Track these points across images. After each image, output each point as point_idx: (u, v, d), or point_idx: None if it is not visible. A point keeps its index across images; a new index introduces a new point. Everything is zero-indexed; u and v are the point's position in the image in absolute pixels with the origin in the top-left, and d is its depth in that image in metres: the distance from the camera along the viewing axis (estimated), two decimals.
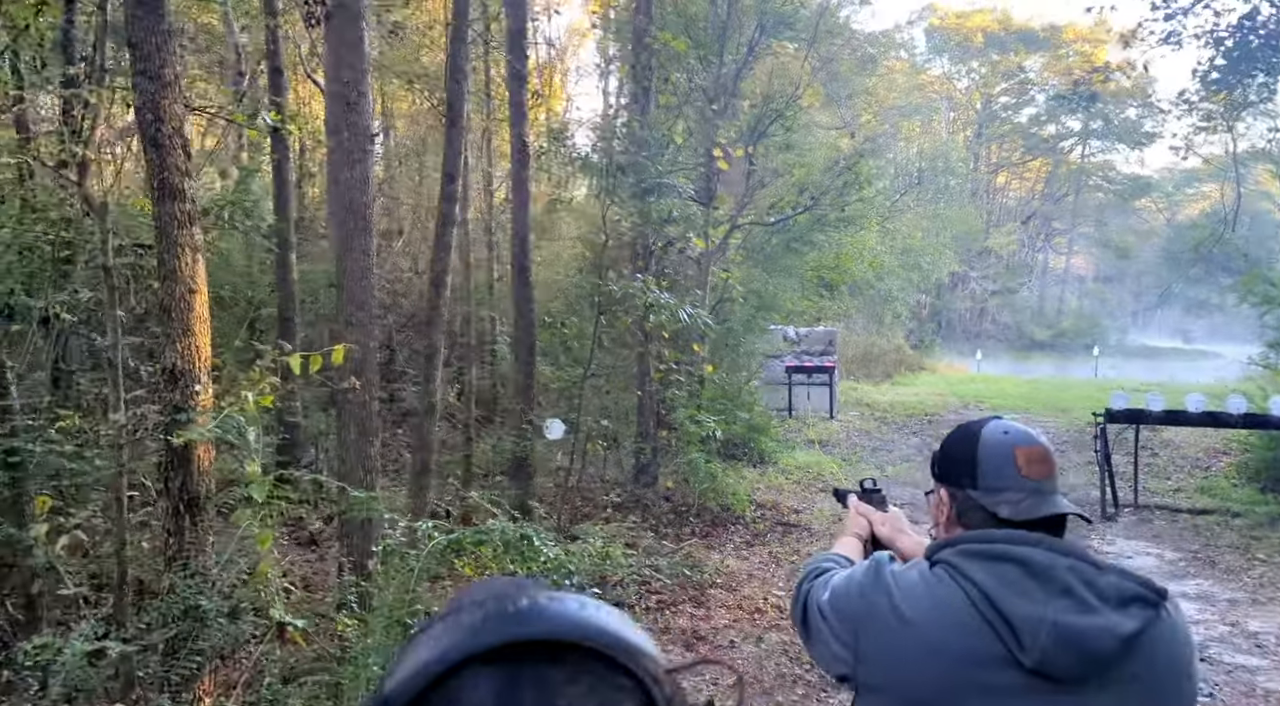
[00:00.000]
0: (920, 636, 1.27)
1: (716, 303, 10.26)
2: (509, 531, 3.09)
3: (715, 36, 9.78)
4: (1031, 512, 1.31)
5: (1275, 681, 5.12)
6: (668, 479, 8.99)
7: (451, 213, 4.43)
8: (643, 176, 7.05)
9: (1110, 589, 1.23)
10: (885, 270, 21.02)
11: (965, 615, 1.24)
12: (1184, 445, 13.16)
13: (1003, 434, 1.37)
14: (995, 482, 1.34)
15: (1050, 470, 1.36)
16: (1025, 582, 1.23)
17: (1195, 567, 7.71)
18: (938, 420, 16.06)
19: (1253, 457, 11.28)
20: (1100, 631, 1.19)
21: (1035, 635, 1.19)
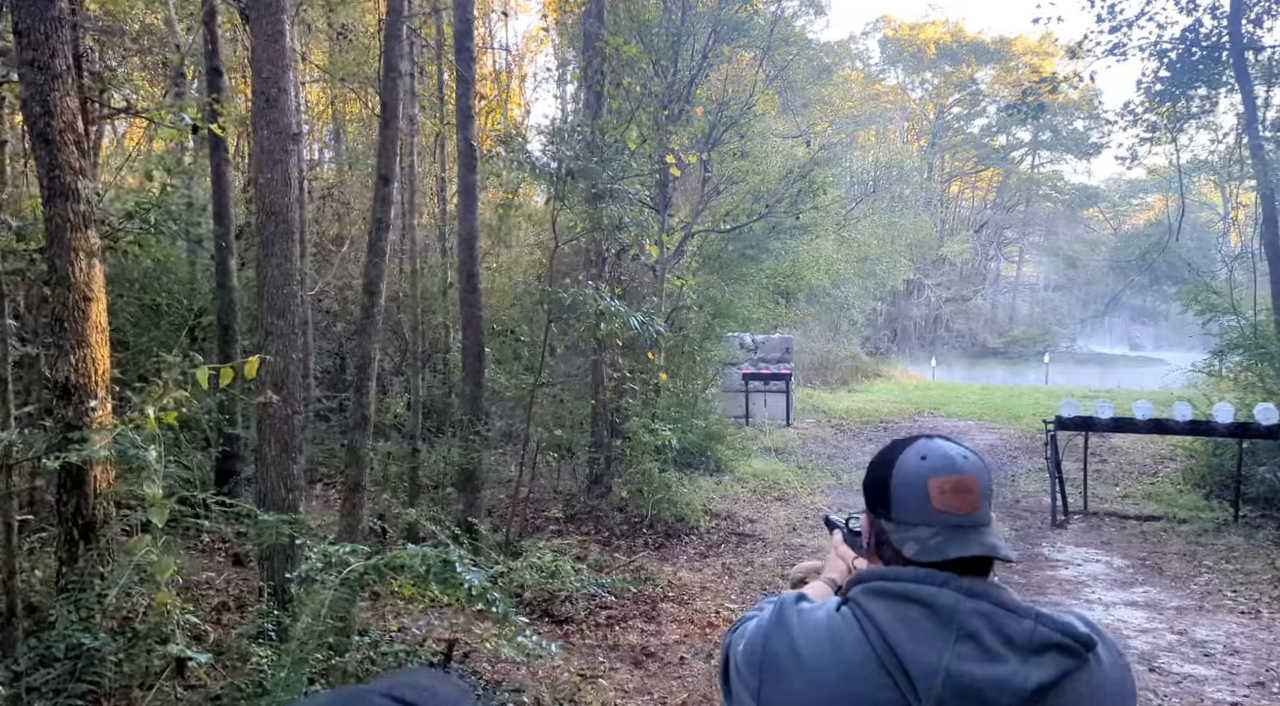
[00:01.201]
0: (816, 681, 1.16)
1: (673, 310, 10.18)
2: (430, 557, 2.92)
3: (669, 43, 9.72)
4: (939, 553, 1.17)
5: (1223, 691, 5.13)
6: (622, 489, 8.86)
7: (386, 216, 4.26)
8: (594, 182, 6.94)
9: (1023, 635, 1.12)
10: (841, 278, 21.17)
11: (863, 660, 1.14)
12: (1132, 451, 13.35)
13: (919, 460, 1.23)
14: (906, 516, 1.22)
15: (971, 503, 1.19)
16: (927, 626, 1.13)
17: (1143, 574, 7.77)
18: (893, 427, 16.14)
19: (1198, 464, 11.46)
20: (1000, 683, 1.09)
21: (931, 685, 1.10)
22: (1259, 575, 7.53)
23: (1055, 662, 1.11)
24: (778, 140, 18.61)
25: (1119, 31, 12.80)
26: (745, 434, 13.84)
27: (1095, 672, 1.13)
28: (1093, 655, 1.14)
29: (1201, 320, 13.43)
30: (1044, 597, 7.10)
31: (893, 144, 39.75)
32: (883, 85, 45.36)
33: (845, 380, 22.08)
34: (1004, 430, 15.66)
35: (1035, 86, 13.54)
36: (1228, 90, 13.58)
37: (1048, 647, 1.12)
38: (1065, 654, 1.12)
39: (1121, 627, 6.33)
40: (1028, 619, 1.13)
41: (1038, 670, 1.10)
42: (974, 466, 1.23)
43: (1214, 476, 10.91)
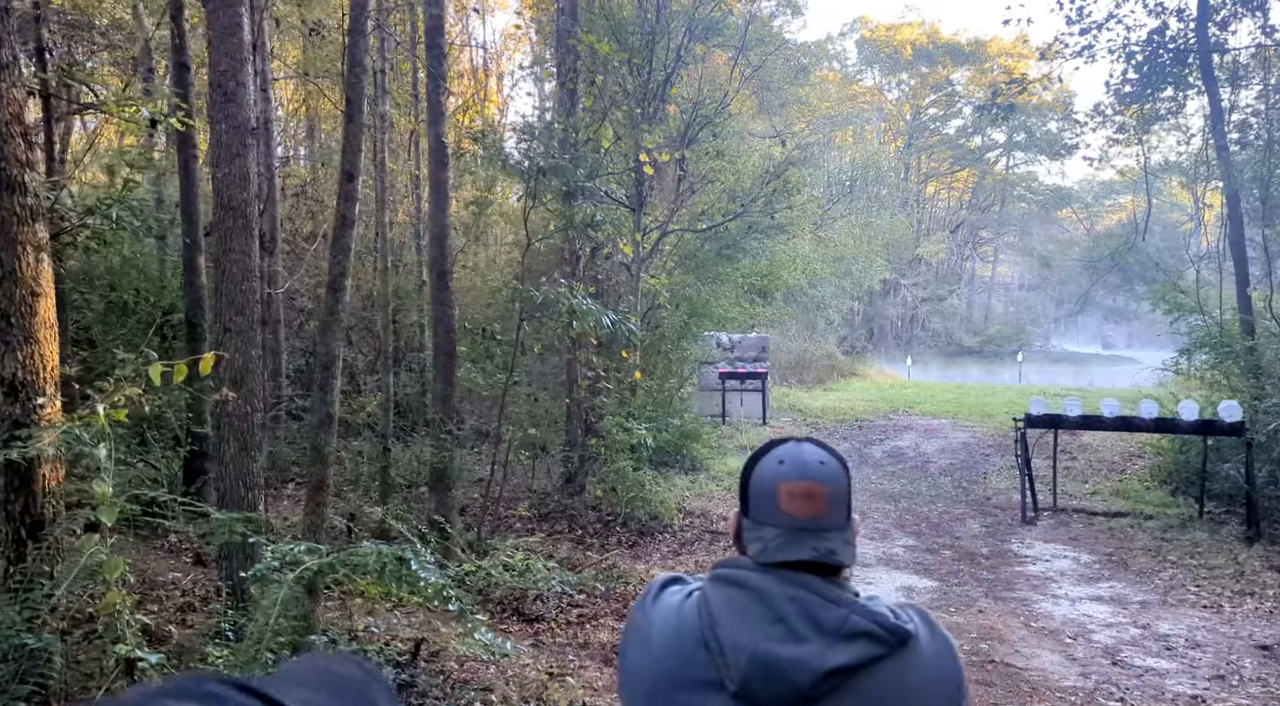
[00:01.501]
0: (654, 657, 1.26)
1: (648, 309, 10.18)
2: (385, 554, 2.90)
3: (644, 42, 9.72)
4: (772, 555, 1.24)
5: (1184, 684, 5.21)
6: (596, 488, 8.86)
7: (350, 212, 4.23)
8: (567, 179, 6.93)
9: (833, 622, 1.18)
10: (818, 277, 21.25)
11: (694, 640, 1.23)
12: (1102, 449, 13.51)
13: (777, 464, 1.29)
14: (758, 515, 1.29)
15: (816, 509, 1.25)
16: (749, 609, 1.21)
17: (1109, 570, 7.87)
18: (868, 425, 16.25)
19: (1165, 461, 11.61)
20: (799, 662, 1.16)
21: (738, 661, 1.17)
22: (1221, 570, 7.65)
23: (862, 648, 1.17)
24: (755, 140, 18.67)
25: (1088, 34, 12.94)
26: (721, 432, 13.88)
27: (909, 662, 1.19)
28: (910, 646, 1.19)
29: (1170, 319, 13.62)
30: (1012, 593, 7.18)
31: (870, 144, 39.96)
32: (860, 86, 45.61)
33: (821, 379, 22.18)
34: (977, 428, 15.80)
35: (1005, 87, 13.66)
36: (1195, 92, 13.77)
37: (858, 635, 1.17)
38: (875, 642, 1.17)
39: (1086, 622, 6.41)
40: (842, 608, 1.20)
41: (840, 653, 1.16)
42: (827, 473, 1.28)
43: (1180, 473, 11.06)
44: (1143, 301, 26.70)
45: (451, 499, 6.84)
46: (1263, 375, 10.99)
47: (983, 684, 5.18)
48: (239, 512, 3.45)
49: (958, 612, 6.61)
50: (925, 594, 7.13)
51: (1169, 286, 13.89)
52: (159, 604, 4.98)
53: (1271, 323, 11.06)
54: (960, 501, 10.77)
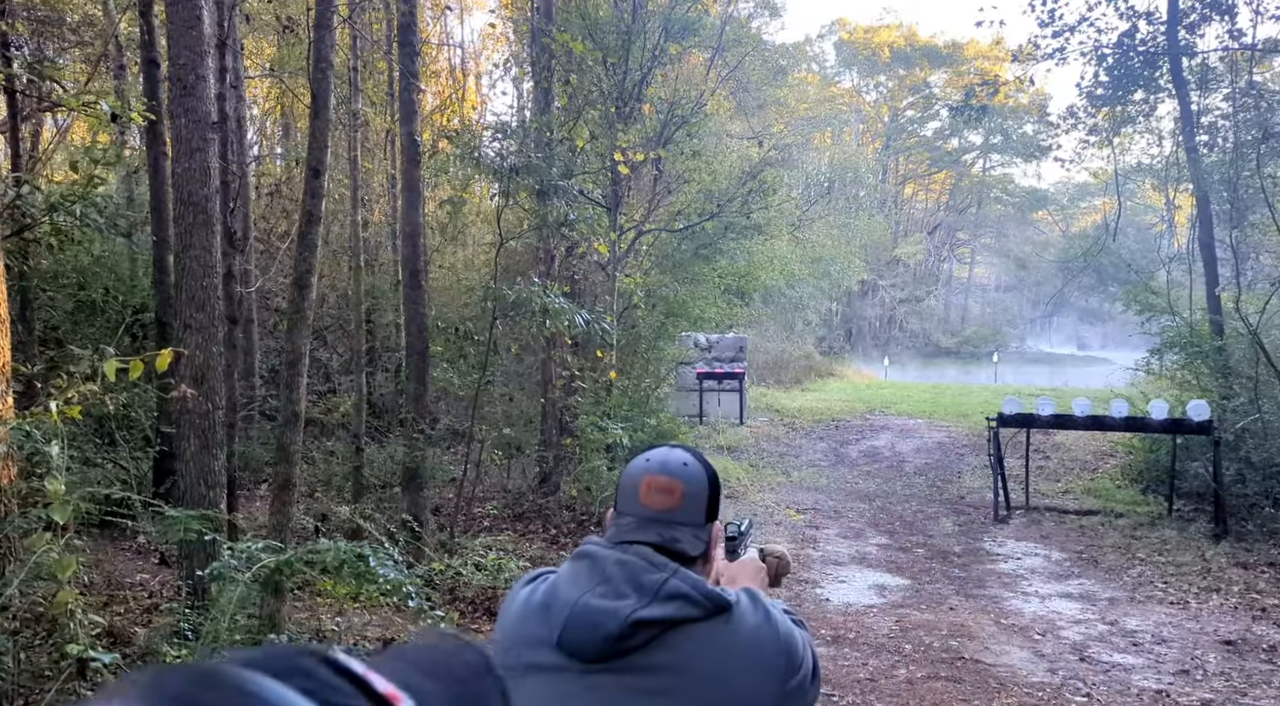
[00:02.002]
0: (508, 625, 1.37)
1: (625, 309, 10.18)
2: (343, 551, 2.89)
3: (620, 41, 9.72)
4: (624, 536, 1.36)
5: (1149, 679, 5.28)
6: (570, 487, 8.85)
7: (317, 209, 4.20)
8: (541, 178, 6.92)
9: (653, 584, 1.27)
10: (796, 278, 21.33)
11: (540, 606, 1.33)
12: (1075, 448, 13.64)
13: (645, 461, 1.43)
14: (623, 507, 1.41)
15: (672, 502, 1.37)
16: (583, 574, 1.32)
17: (1079, 567, 7.96)
18: (845, 425, 16.33)
19: (1134, 460, 11.76)
20: (611, 612, 1.25)
21: (561, 613, 1.28)
22: (1189, 567, 7.75)
23: (675, 607, 1.26)
24: (732, 141, 18.71)
25: (1060, 36, 13.08)
26: (699, 432, 13.90)
27: (722, 630, 1.27)
28: (729, 616, 1.28)
29: (1141, 320, 13.79)
30: (983, 591, 7.24)
31: (848, 146, 40.18)
32: (838, 87, 45.83)
33: (799, 379, 22.26)
34: (952, 428, 15.91)
35: (978, 89, 13.79)
36: (1165, 95, 13.95)
37: (674, 596, 1.26)
38: (689, 603, 1.26)
39: (1055, 619, 6.48)
40: (665, 573, 1.29)
41: (653, 609, 1.25)
42: (689, 473, 1.40)
43: (1150, 472, 11.20)
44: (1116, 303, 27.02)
45: (424, 498, 6.81)
46: (1231, 375, 11.15)
47: (952, 680, 5.22)
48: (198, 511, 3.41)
49: (929, 610, 6.66)
50: (897, 592, 7.18)
51: (1140, 287, 14.08)
52: (125, 605, 4.92)
53: (1240, 323, 11.21)
54: (934, 500, 10.86)
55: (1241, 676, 5.27)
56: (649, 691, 1.25)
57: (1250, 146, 10.57)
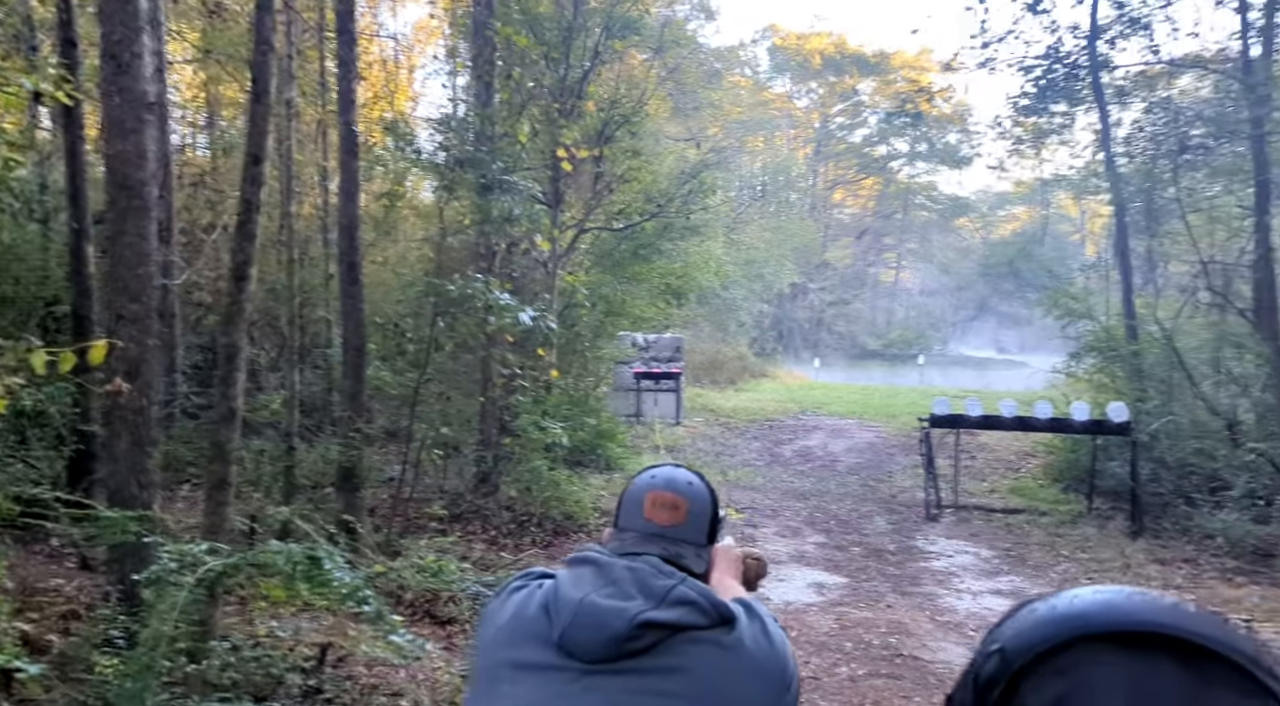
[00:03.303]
0: (498, 628, 1.34)
1: (565, 307, 10.09)
2: (295, 554, 2.77)
3: (561, 37, 9.65)
4: (629, 549, 1.37)
5: None
6: (510, 487, 8.73)
7: (256, 198, 4.02)
8: (484, 172, 6.80)
9: (661, 588, 1.26)
10: (730, 280, 21.53)
11: (535, 606, 1.31)
12: (999, 448, 14.05)
13: (650, 477, 1.45)
14: (625, 522, 1.42)
15: (675, 519, 1.39)
16: (589, 577, 1.31)
17: (1008, 565, 8.18)
18: (778, 425, 16.52)
19: (1056, 460, 12.17)
20: (618, 611, 1.23)
21: (566, 612, 1.25)
22: (1110, 563, 8.04)
23: (682, 613, 1.25)
24: (670, 142, 18.77)
25: (989, 47, 13.45)
26: (636, 432, 13.89)
27: (726, 642, 1.26)
28: (731, 627, 1.27)
29: (1061, 324, 14.28)
30: (918, 588, 7.38)
31: (780, 150, 40.73)
32: (770, 92, 46.41)
33: (733, 379, 22.45)
34: (881, 428, 16.24)
35: (915, 95, 14.09)
36: (1086, 108, 14.47)
37: (681, 602, 1.25)
38: (696, 611, 1.25)
39: (988, 615, 6.63)
40: (673, 580, 1.28)
41: (660, 612, 1.23)
42: (694, 492, 1.43)
43: (1071, 471, 11.60)
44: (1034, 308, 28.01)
45: (360, 499, 6.63)
46: (1145, 378, 11.61)
47: (892, 677, 5.30)
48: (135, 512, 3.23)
49: (867, 608, 6.76)
50: (836, 590, 7.27)
51: (1061, 293, 14.58)
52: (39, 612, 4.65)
53: (1155, 328, 11.69)
54: (867, 499, 11.04)
55: None
56: (651, 693, 1.23)
57: (1167, 158, 11.02)
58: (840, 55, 46.60)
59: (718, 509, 1.47)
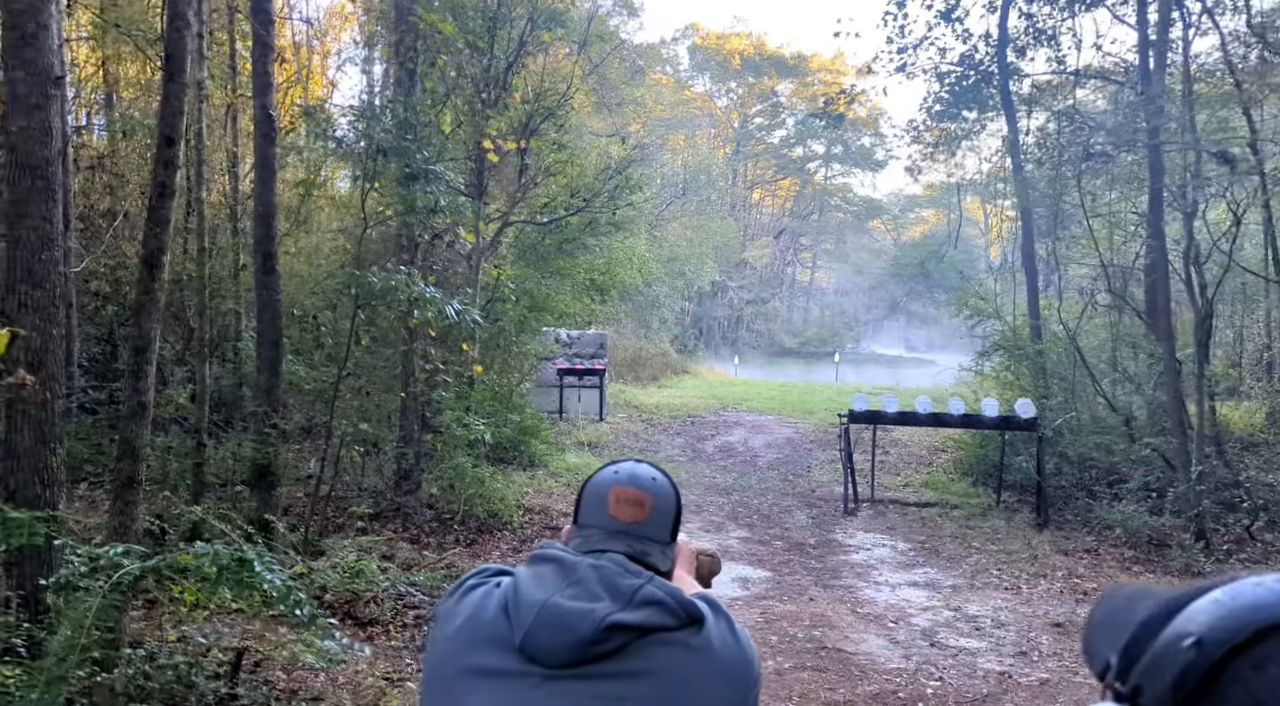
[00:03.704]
0: (455, 629, 1.28)
1: (488, 302, 9.94)
2: (222, 556, 2.62)
3: (486, 27, 9.49)
4: (593, 547, 1.32)
5: (993, 662, 5.63)
6: (432, 485, 8.56)
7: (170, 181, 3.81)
8: (408, 161, 6.63)
9: (629, 588, 1.23)
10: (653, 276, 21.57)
11: (493, 607, 1.26)
12: (910, 443, 14.46)
13: (613, 473, 1.39)
14: (586, 519, 1.37)
15: (639, 515, 1.35)
16: (551, 576, 1.26)
17: (923, 557, 8.41)
18: (700, 421, 16.65)
19: (966, 454, 12.59)
20: (584, 613, 1.19)
21: (527, 614, 1.21)
22: (1018, 554, 8.35)
23: (650, 614, 1.21)
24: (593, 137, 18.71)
25: (905, 53, 13.80)
26: (559, 429, 13.81)
27: (695, 644, 1.22)
28: (699, 627, 1.23)
29: (970, 324, 14.77)
30: (839, 581, 7.53)
31: (701, 149, 41.05)
32: (691, 91, 46.74)
33: (656, 376, 22.55)
34: (800, 424, 16.53)
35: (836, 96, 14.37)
36: (995, 114, 14.99)
37: (649, 602, 1.21)
38: (665, 612, 1.22)
39: (906, 606, 6.81)
40: (640, 579, 1.24)
41: (626, 614, 1.19)
42: (658, 487, 1.38)
43: (979, 465, 12.02)
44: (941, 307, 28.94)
45: (276, 497, 6.40)
46: (1049, 376, 12.11)
47: (817, 670, 5.39)
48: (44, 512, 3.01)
49: (791, 601, 6.86)
50: (760, 584, 7.36)
51: (970, 293, 15.07)
52: None
53: (1057, 328, 12.21)
54: (788, 494, 11.22)
55: (1072, 656, 5.70)
56: (619, 699, 1.18)
57: (1071, 165, 11.50)
58: (759, 57, 47.27)
59: (680, 505, 1.43)
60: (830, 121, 14.49)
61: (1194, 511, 8.28)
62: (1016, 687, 5.17)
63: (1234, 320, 15.29)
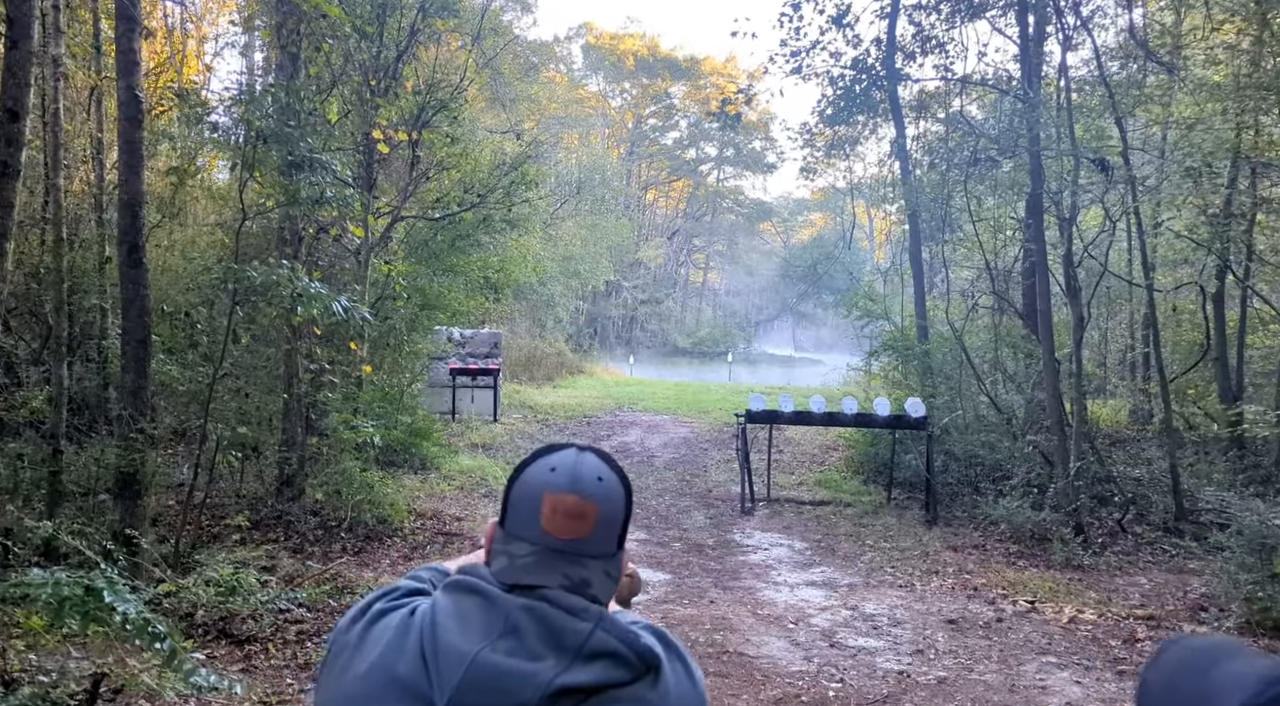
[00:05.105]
0: (349, 672, 1.07)
1: (378, 299, 9.54)
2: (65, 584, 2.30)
3: (375, 13, 9.10)
4: (521, 577, 1.08)
5: (891, 661, 5.68)
6: (317, 491, 8.13)
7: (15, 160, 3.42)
8: (291, 149, 6.24)
9: (576, 637, 1.04)
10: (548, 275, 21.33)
11: (409, 653, 1.05)
12: (803, 442, 14.69)
13: (549, 471, 1.13)
14: (515, 526, 1.12)
15: (579, 530, 1.10)
16: (477, 617, 1.06)
17: (820, 556, 8.50)
18: (596, 421, 16.52)
19: (857, 453, 12.86)
20: (525, 677, 1.00)
21: (453, 672, 1.01)
22: (910, 552, 8.53)
23: (601, 670, 1.03)
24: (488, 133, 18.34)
25: (799, 56, 14.01)
26: (452, 430, 13.43)
27: (651, 698, 1.05)
28: (656, 676, 1.06)
29: (860, 324, 15.13)
30: (738, 582, 7.51)
31: (595, 148, 40.98)
32: (585, 90, 46.63)
33: (551, 376, 22.29)
34: (695, 424, 16.59)
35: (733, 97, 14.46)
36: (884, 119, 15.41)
37: (600, 655, 1.03)
38: (618, 665, 1.04)
39: (805, 607, 6.83)
40: (588, 622, 1.05)
41: (574, 674, 1.01)
42: (604, 492, 1.13)
43: (870, 464, 12.30)
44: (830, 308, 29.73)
45: (143, 507, 5.91)
46: (935, 375, 12.50)
47: (720, 675, 5.31)
48: None
49: (691, 605, 6.79)
50: (660, 587, 7.27)
51: (860, 294, 15.45)
52: None
53: (944, 328, 12.61)
54: (685, 494, 11.20)
55: (966, 653, 5.81)
56: None
57: (959, 169, 11.88)
58: (653, 58, 47.56)
59: (631, 506, 1.18)
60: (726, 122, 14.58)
61: (1072, 506, 8.64)
62: (915, 687, 5.21)
63: (1100, 322, 16.16)
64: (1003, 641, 6.04)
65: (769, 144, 48.48)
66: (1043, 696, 5.12)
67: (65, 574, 2.42)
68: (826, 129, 16.48)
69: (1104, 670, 5.55)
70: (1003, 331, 12.72)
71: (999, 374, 12.54)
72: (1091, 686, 5.29)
